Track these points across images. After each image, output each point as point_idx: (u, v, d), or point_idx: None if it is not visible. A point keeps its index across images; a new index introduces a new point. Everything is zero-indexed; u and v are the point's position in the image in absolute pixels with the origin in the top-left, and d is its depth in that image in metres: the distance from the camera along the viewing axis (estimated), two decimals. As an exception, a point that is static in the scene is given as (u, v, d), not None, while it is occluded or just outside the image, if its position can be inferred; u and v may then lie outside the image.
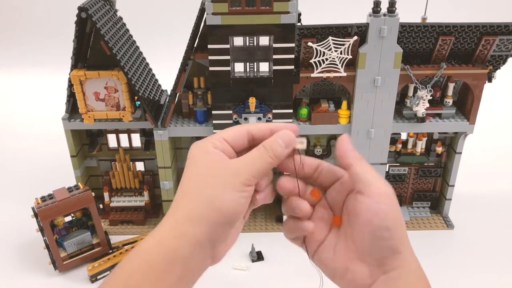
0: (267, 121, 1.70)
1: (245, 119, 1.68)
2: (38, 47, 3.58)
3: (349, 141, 0.77)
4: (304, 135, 0.76)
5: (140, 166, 2.05)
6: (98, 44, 1.69)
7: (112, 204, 2.02)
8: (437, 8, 2.12)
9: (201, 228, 0.64)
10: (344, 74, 1.67)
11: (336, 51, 1.62)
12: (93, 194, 1.72)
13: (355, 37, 1.60)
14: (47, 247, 1.70)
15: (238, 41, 1.61)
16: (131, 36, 1.93)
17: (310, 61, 1.65)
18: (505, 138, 2.70)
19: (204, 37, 1.64)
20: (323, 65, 1.65)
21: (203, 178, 0.67)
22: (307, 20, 1.70)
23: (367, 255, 0.69)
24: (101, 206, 1.84)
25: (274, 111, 1.71)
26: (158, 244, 0.65)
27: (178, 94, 1.77)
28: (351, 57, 1.64)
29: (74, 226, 1.78)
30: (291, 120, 1.74)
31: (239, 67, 1.65)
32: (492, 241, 1.89)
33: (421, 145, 1.91)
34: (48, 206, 1.64)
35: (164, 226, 0.67)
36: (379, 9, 1.58)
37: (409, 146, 1.93)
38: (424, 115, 1.76)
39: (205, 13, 1.55)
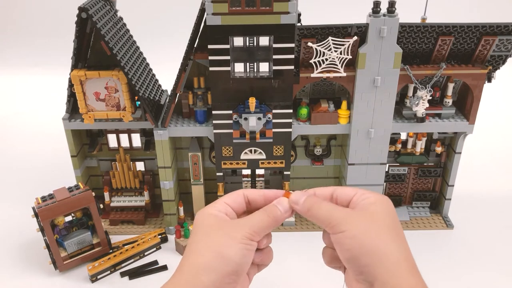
0: (267, 121, 1.71)
1: (245, 119, 1.68)
2: (38, 47, 3.59)
3: (296, 196, 0.83)
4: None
5: (140, 166, 2.05)
6: (99, 44, 1.70)
7: (112, 204, 2.02)
8: (437, 8, 2.12)
9: (211, 277, 0.71)
10: (344, 74, 1.68)
11: (336, 51, 1.62)
12: (93, 194, 1.72)
13: (355, 37, 1.60)
14: (48, 246, 1.70)
15: (238, 41, 1.61)
16: (131, 36, 1.94)
17: (310, 61, 1.65)
18: (505, 138, 2.70)
19: (204, 37, 1.64)
20: (323, 65, 1.65)
21: (210, 234, 0.76)
22: (307, 20, 1.71)
23: (354, 276, 0.75)
24: (101, 206, 1.84)
25: (274, 111, 1.71)
26: None
27: (178, 94, 1.77)
28: (351, 57, 1.64)
29: (74, 226, 1.78)
30: (290, 121, 1.74)
31: (239, 67, 1.65)
32: (492, 241, 1.89)
33: (420, 145, 1.91)
34: (49, 206, 1.64)
35: (177, 278, 0.74)
36: (379, 9, 1.58)
37: (409, 146, 1.93)
38: (424, 115, 1.76)
39: (205, 13, 1.55)
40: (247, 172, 2.11)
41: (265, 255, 0.83)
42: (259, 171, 2.12)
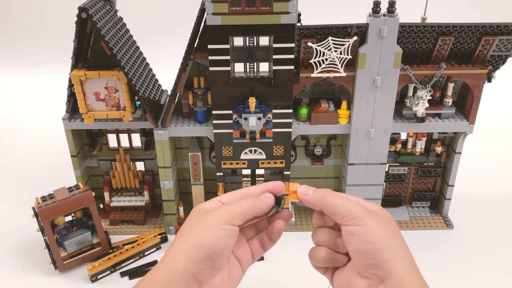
0: (267, 121, 1.71)
1: (245, 119, 1.68)
2: (38, 47, 3.59)
3: (304, 188, 0.87)
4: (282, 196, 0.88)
5: (140, 166, 2.05)
6: (99, 44, 1.70)
7: (112, 204, 2.02)
8: (437, 8, 2.12)
9: (185, 261, 0.74)
10: (344, 74, 1.68)
11: (336, 51, 1.62)
12: (93, 194, 1.72)
13: (355, 37, 1.60)
14: (48, 246, 1.70)
15: (238, 41, 1.61)
16: (131, 36, 1.94)
17: (310, 61, 1.65)
18: (505, 138, 2.70)
19: (204, 37, 1.64)
20: (323, 65, 1.66)
21: (192, 224, 0.79)
22: (307, 20, 1.71)
23: (361, 271, 0.77)
24: (101, 206, 1.84)
25: (274, 111, 1.71)
26: (150, 280, 0.75)
27: (178, 94, 1.77)
28: (351, 57, 1.64)
29: (74, 225, 1.79)
30: (290, 121, 1.74)
31: (239, 67, 1.65)
32: (492, 241, 1.89)
33: (420, 145, 1.91)
34: (49, 206, 1.64)
35: (157, 265, 0.78)
36: (379, 9, 1.58)
37: (409, 146, 1.93)
38: (424, 115, 1.76)
39: (205, 13, 1.55)
40: (247, 172, 2.11)
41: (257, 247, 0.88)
42: (259, 171, 2.12)
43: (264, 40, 1.61)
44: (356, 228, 0.76)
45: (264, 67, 1.65)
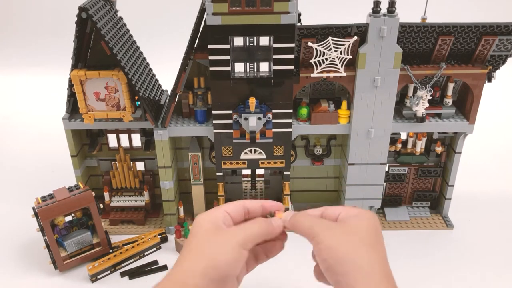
0: (267, 121, 1.71)
1: (245, 119, 1.68)
2: (38, 47, 3.59)
3: (285, 216, 0.89)
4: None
5: (140, 166, 2.05)
6: (99, 44, 1.70)
7: (112, 204, 2.02)
8: (437, 8, 2.12)
9: (200, 281, 0.75)
10: (344, 74, 1.68)
11: (336, 51, 1.62)
12: (93, 194, 1.72)
13: (355, 37, 1.60)
14: (48, 246, 1.70)
15: (238, 41, 1.61)
16: (131, 36, 1.94)
17: (310, 61, 1.65)
18: (505, 138, 2.70)
19: (204, 37, 1.64)
20: (323, 65, 1.65)
21: (206, 239, 0.79)
22: (307, 20, 1.71)
23: (332, 284, 0.79)
24: (101, 206, 1.84)
25: (274, 111, 1.71)
26: None
27: (178, 94, 1.77)
28: (351, 57, 1.64)
29: (74, 225, 1.79)
30: (290, 121, 1.74)
31: (239, 67, 1.65)
32: (492, 241, 1.89)
33: (420, 145, 1.91)
34: (49, 206, 1.64)
35: (169, 278, 0.78)
36: (379, 9, 1.58)
37: (409, 146, 1.93)
38: (424, 115, 1.76)
39: (205, 13, 1.55)
40: (247, 172, 2.12)
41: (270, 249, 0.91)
42: (259, 171, 2.12)
43: (264, 40, 1.61)
44: (314, 248, 0.79)
45: (264, 67, 1.65)
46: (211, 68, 1.64)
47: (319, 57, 1.64)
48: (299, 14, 1.66)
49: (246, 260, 0.85)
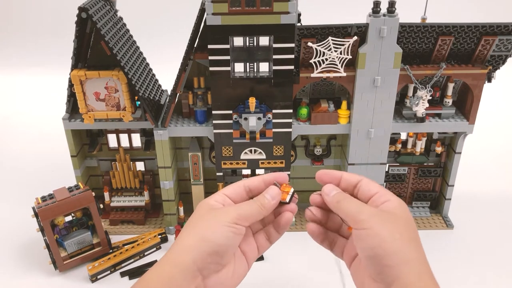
0: (267, 121, 1.71)
1: (245, 119, 1.68)
2: (38, 47, 3.59)
3: (328, 188, 0.88)
4: (291, 184, 0.90)
5: (140, 166, 2.05)
6: (99, 44, 1.70)
7: (112, 204, 2.02)
8: (437, 8, 2.12)
9: (190, 255, 0.76)
10: (344, 74, 1.68)
11: (336, 51, 1.62)
12: (93, 194, 1.72)
13: (355, 37, 1.60)
14: (48, 246, 1.70)
15: (238, 41, 1.61)
16: (131, 36, 1.94)
17: (310, 61, 1.65)
18: (505, 138, 2.70)
19: (204, 37, 1.65)
20: (323, 65, 1.66)
21: (199, 219, 0.81)
22: (307, 20, 1.71)
23: (371, 274, 0.77)
24: (101, 206, 1.84)
25: (274, 111, 1.71)
26: (156, 274, 0.76)
27: (178, 94, 1.77)
28: (351, 57, 1.64)
29: (74, 225, 1.79)
30: (290, 121, 1.74)
31: (239, 67, 1.65)
32: (492, 241, 1.89)
33: (420, 145, 1.91)
34: (49, 206, 1.64)
35: (161, 259, 0.79)
36: (379, 9, 1.58)
37: (409, 146, 1.93)
38: (424, 115, 1.76)
39: (205, 13, 1.55)
40: (247, 172, 2.11)
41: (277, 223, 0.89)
42: (259, 171, 2.12)
43: (264, 40, 1.61)
44: (360, 232, 0.76)
45: (264, 67, 1.65)
46: (211, 68, 1.64)
47: (319, 57, 1.64)
48: (299, 14, 1.66)
49: (255, 241, 0.88)
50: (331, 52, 1.62)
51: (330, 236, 0.91)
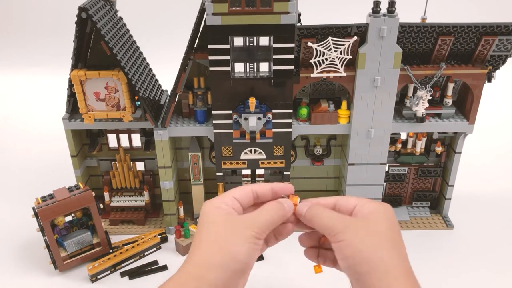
0: (267, 121, 1.71)
1: (245, 119, 1.68)
2: (38, 47, 3.58)
3: (301, 207, 0.85)
4: (295, 193, 0.88)
5: (140, 166, 2.05)
6: (99, 44, 1.70)
7: (112, 204, 2.02)
8: (437, 8, 2.12)
9: (219, 274, 0.72)
10: (344, 74, 1.68)
11: (336, 51, 1.62)
12: (93, 194, 1.72)
13: (355, 37, 1.60)
14: (48, 246, 1.70)
15: (238, 41, 1.61)
16: (131, 36, 1.94)
17: (310, 61, 1.65)
18: (505, 138, 2.70)
19: (204, 37, 1.64)
20: (323, 65, 1.66)
21: (219, 230, 0.76)
22: (307, 20, 1.71)
23: (352, 282, 0.77)
24: (101, 206, 1.84)
25: (274, 111, 1.71)
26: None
27: (178, 94, 1.77)
28: (350, 57, 1.64)
29: (74, 225, 1.79)
30: (290, 121, 1.74)
31: (239, 67, 1.65)
32: (492, 241, 1.89)
33: (420, 145, 1.91)
34: (49, 206, 1.64)
35: (184, 271, 0.74)
36: (379, 9, 1.58)
37: (409, 146, 1.93)
38: (424, 115, 1.76)
39: (205, 13, 1.55)
40: (247, 172, 2.11)
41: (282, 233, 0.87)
42: (259, 171, 2.12)
43: (264, 40, 1.61)
44: (335, 245, 0.77)
45: (264, 67, 1.65)
46: (211, 68, 1.64)
47: (319, 57, 1.64)
48: (299, 14, 1.66)
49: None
50: (331, 52, 1.62)
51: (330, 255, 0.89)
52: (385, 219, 0.79)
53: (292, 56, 1.61)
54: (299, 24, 1.65)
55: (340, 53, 1.63)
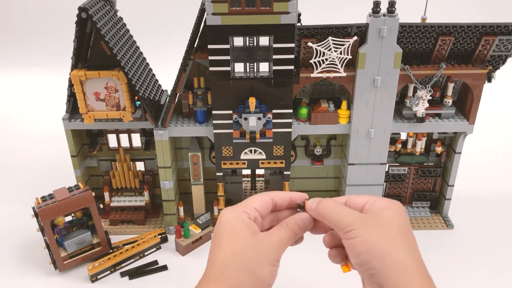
0: (267, 121, 1.71)
1: (245, 119, 1.68)
2: (38, 47, 3.58)
3: (310, 203, 0.85)
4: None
5: (140, 166, 2.05)
6: (99, 44, 1.70)
7: (112, 204, 2.02)
8: (437, 8, 2.12)
9: None
10: (344, 74, 1.68)
11: (336, 51, 1.62)
12: (93, 194, 1.72)
13: (355, 37, 1.60)
14: (48, 246, 1.70)
15: (238, 41, 1.61)
16: (131, 36, 1.94)
17: (310, 61, 1.65)
18: (505, 138, 2.70)
19: (204, 37, 1.64)
20: (323, 65, 1.66)
21: (243, 251, 0.75)
22: (307, 20, 1.71)
23: (364, 280, 0.76)
24: (101, 206, 1.84)
25: (274, 111, 1.71)
26: None
27: (178, 94, 1.77)
28: (350, 57, 1.64)
29: (74, 226, 1.79)
30: (290, 121, 1.74)
31: (239, 67, 1.65)
32: (492, 241, 1.89)
33: (420, 145, 1.91)
34: (49, 206, 1.64)
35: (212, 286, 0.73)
36: (379, 9, 1.58)
37: (409, 146, 1.93)
38: (424, 115, 1.76)
39: (205, 13, 1.55)
40: (247, 172, 2.12)
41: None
42: (259, 171, 2.13)
43: (264, 40, 1.61)
44: (346, 242, 0.76)
45: (264, 67, 1.65)
46: (211, 68, 1.64)
47: (319, 57, 1.64)
48: (299, 14, 1.66)
49: None
50: (331, 52, 1.62)
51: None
52: (397, 215, 0.78)
53: (292, 56, 1.61)
54: (299, 24, 1.65)
55: (340, 53, 1.63)
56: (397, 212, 0.79)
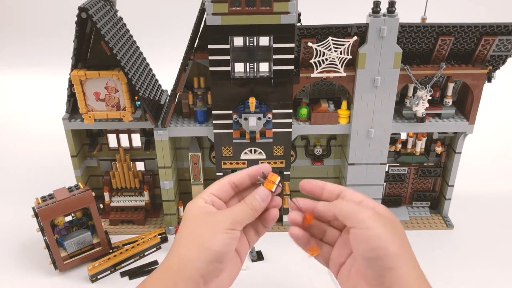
0: (267, 121, 1.71)
1: (245, 119, 1.68)
2: (38, 47, 3.59)
3: (312, 183, 0.89)
4: (278, 175, 0.88)
5: (140, 166, 2.05)
6: (99, 44, 1.70)
7: (112, 204, 2.02)
8: (437, 8, 2.12)
9: (192, 265, 0.77)
10: (344, 74, 1.68)
11: (336, 51, 1.62)
12: (93, 194, 1.72)
13: (355, 37, 1.60)
14: (48, 247, 1.70)
15: (238, 41, 1.61)
16: (131, 36, 1.94)
17: (310, 61, 1.65)
18: (505, 138, 2.70)
19: (204, 37, 1.65)
20: (323, 65, 1.66)
21: (195, 227, 0.81)
22: (307, 20, 1.71)
23: (368, 277, 0.77)
24: (101, 206, 1.84)
25: (274, 111, 1.71)
26: (160, 282, 0.78)
27: (178, 94, 1.78)
28: (350, 57, 1.64)
29: (74, 226, 1.79)
30: (290, 121, 1.74)
31: (239, 67, 1.65)
32: (492, 241, 1.89)
33: (420, 145, 1.91)
34: (49, 206, 1.64)
35: (164, 266, 0.79)
36: (379, 9, 1.58)
37: (409, 146, 1.93)
38: (424, 115, 1.76)
39: (205, 13, 1.55)
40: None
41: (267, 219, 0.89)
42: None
43: (264, 40, 1.61)
44: (359, 232, 0.76)
45: (264, 67, 1.65)
46: (211, 68, 1.64)
47: (319, 57, 1.64)
48: (299, 14, 1.66)
49: (245, 237, 0.88)
50: (331, 52, 1.62)
51: (313, 243, 0.91)
52: (398, 223, 0.81)
53: (292, 56, 1.61)
54: (299, 24, 1.65)
55: (340, 53, 1.63)
56: (396, 218, 0.81)
